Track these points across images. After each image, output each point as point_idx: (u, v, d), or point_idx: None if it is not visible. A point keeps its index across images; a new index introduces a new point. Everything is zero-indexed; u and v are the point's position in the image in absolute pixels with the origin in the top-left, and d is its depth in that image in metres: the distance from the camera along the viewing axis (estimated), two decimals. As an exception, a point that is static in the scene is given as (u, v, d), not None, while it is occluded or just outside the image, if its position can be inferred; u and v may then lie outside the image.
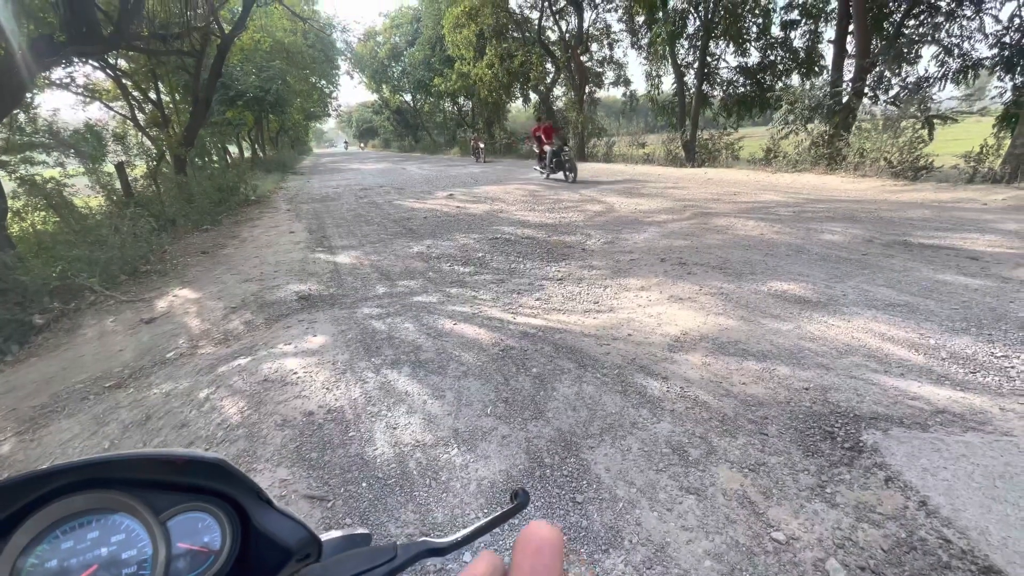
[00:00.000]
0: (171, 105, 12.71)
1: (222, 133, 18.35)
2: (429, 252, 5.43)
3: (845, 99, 11.13)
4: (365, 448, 2.19)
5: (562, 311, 3.62)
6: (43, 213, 7.70)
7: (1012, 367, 2.38)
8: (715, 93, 15.92)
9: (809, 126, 11.64)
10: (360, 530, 0.62)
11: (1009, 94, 8.85)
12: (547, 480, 1.95)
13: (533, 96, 22.73)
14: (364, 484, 1.99)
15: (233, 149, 22.30)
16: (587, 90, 19.14)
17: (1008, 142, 8.02)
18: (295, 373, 2.85)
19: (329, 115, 41.99)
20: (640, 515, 1.75)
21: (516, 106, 28.03)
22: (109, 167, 10.27)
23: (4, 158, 8.75)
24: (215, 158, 17.13)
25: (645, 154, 16.34)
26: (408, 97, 35.79)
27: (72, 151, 11.26)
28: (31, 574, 0.43)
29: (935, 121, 9.18)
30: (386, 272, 4.80)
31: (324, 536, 0.56)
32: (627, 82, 20.04)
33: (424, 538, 0.72)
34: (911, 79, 10.96)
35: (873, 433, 1.97)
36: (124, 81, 10.97)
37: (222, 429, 2.47)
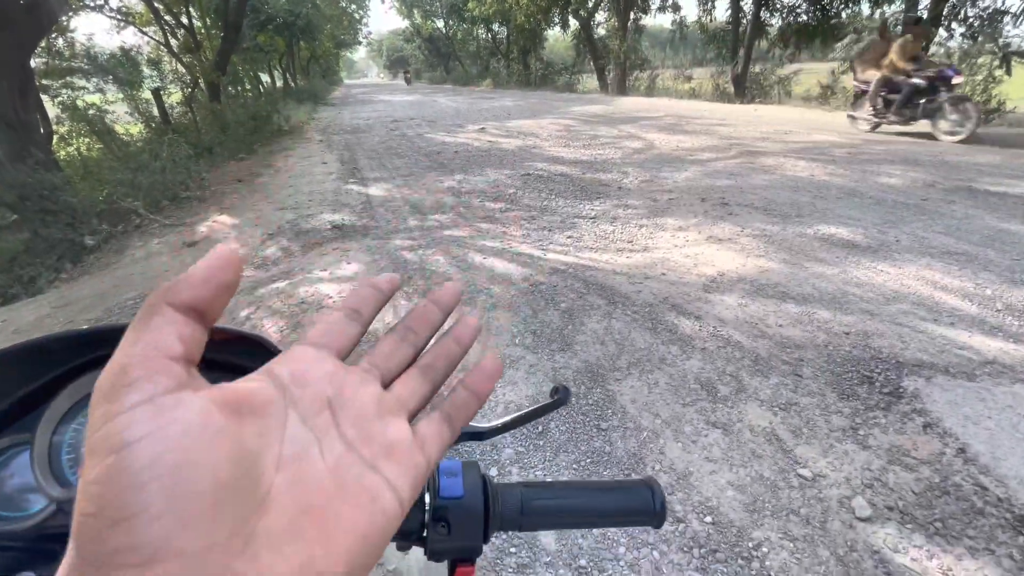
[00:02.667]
0: (203, 31, 12.48)
1: (254, 60, 18.05)
2: (460, 187, 5.35)
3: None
4: (397, 370, 2.27)
5: (594, 249, 3.55)
6: (87, 139, 7.89)
7: (1077, 321, 2.23)
8: (773, 21, 14.48)
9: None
10: None
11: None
12: (572, 407, 1.99)
13: (573, 22, 21.22)
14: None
15: (265, 78, 22.02)
16: (632, 16, 17.73)
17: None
18: (331, 298, 2.93)
19: (359, 43, 40.66)
20: (664, 445, 1.78)
21: (554, 33, 26.35)
22: (147, 94, 10.33)
23: (45, 82, 8.89)
24: (248, 86, 16.99)
25: (691, 88, 15.30)
26: (440, 24, 34.09)
27: (110, 77, 11.33)
28: (70, 444, 0.44)
29: (1015, 58, 8.18)
30: (417, 205, 4.77)
31: None
32: (676, 7, 18.42)
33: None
34: (989, 9, 9.68)
35: (915, 380, 1.90)
36: (156, 4, 10.76)
37: (263, 347, 2.59)
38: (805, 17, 14.24)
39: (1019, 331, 2.19)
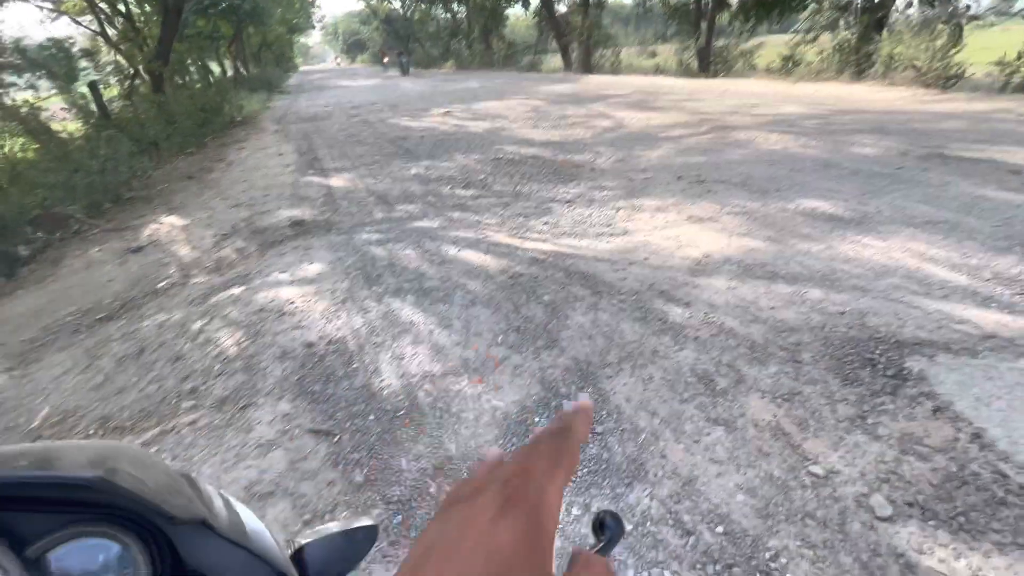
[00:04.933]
0: (142, 18, 11.61)
1: (200, 48, 16.98)
2: (428, 174, 5.09)
3: (879, -4, 10.05)
4: (371, 379, 2.08)
5: (573, 235, 3.39)
6: (20, 140, 7.23)
7: (1068, 287, 2.20)
8: (734, -6, 14.40)
9: (836, 31, 10.63)
10: (364, 521, 0.46)
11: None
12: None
13: (534, 0, 20.73)
14: (371, 417, 1.89)
15: (215, 67, 20.81)
16: (593, -8, 17.40)
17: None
18: (292, 303, 2.69)
19: (313, 27, 38.89)
20: (665, 447, 1.65)
21: (515, 12, 25.75)
22: (84, 88, 9.54)
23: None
24: (195, 76, 16.00)
25: (656, 65, 15.19)
26: (398, 4, 32.91)
27: (44, 72, 10.44)
28: None
29: (975, 23, 8.33)
30: (383, 196, 4.51)
31: (312, 537, 0.41)
32: (638, -18, 18.17)
33: None
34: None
35: (918, 360, 1.83)
36: (87, -11, 9.92)
37: (219, 362, 2.36)
38: (765, -11, 14.22)
39: (1012, 301, 2.14)
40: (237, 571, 0.29)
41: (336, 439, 1.81)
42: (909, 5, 10.43)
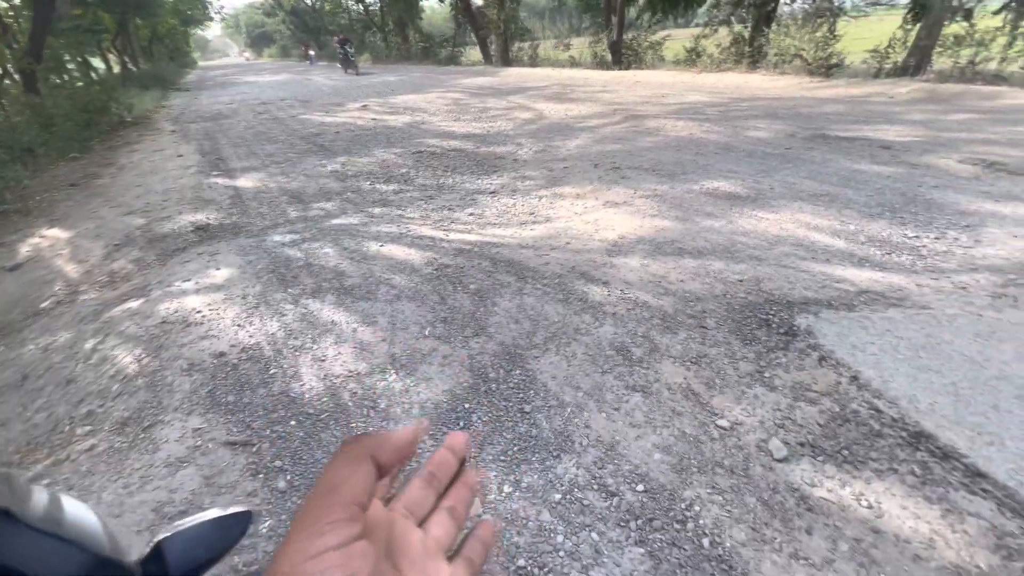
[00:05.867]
0: (11, 12, 10.21)
1: (80, 43, 15.17)
2: (345, 170, 4.92)
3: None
4: (290, 384, 1.99)
5: (497, 225, 3.42)
6: None
7: (923, 246, 2.53)
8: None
9: (731, 26, 11.45)
10: (237, 508, 0.45)
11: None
12: (493, 394, 1.87)
13: (448, -8, 20.48)
14: (293, 423, 1.81)
15: (99, 64, 18.70)
16: (508, -16, 17.48)
17: (914, 35, 8.30)
18: (199, 312, 2.51)
19: (211, 19, 36.05)
20: (588, 417, 1.73)
21: (431, 4, 25.33)
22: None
23: None
24: (76, 74, 14.31)
25: (571, 57, 15.58)
26: (305, -5, 31.27)
27: None
28: None
29: (852, 14, 9.30)
30: (297, 194, 4.30)
31: (173, 530, 0.40)
32: (549, -24, 18.49)
33: None
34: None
35: (805, 317, 2.03)
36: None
37: (117, 382, 2.15)
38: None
39: (883, 260, 2.43)
40: (46, 559, 0.28)
41: (255, 449, 1.72)
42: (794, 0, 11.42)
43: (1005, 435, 1.47)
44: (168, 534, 0.42)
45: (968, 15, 7.76)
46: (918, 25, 8.25)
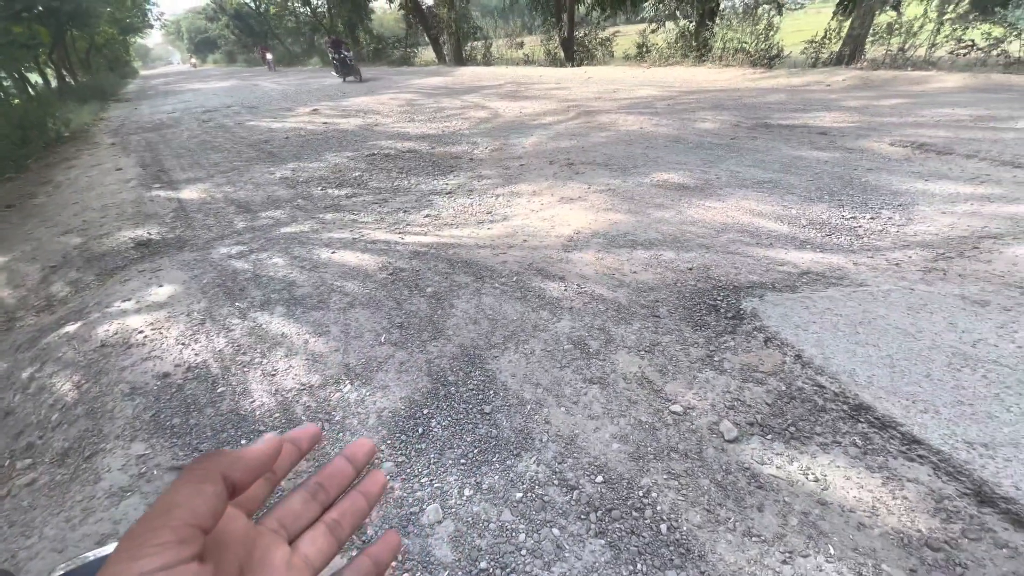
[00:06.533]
0: None
1: (14, 58, 14.13)
2: (295, 177, 4.77)
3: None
4: (240, 402, 1.91)
5: (454, 225, 3.39)
6: None
7: (859, 226, 2.66)
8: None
9: (677, 21, 11.75)
10: None
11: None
12: (453, 398, 1.85)
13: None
14: (243, 441, 1.74)
15: (36, 78, 17.50)
16: (457, -17, 17.37)
17: (847, 26, 8.73)
18: (140, 332, 2.38)
19: (151, 26, 34.35)
20: (548, 413, 1.73)
21: (380, 5, 24.91)
22: None
23: None
24: (10, 90, 13.35)
25: (524, 55, 15.64)
26: (248, -3, 30.20)
27: None
28: None
29: (788, 7, 9.70)
30: (244, 204, 4.14)
31: (70, 567, 0.37)
32: (498, -26, 18.48)
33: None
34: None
35: (751, 300, 2.10)
36: None
37: (56, 411, 2.02)
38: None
39: (823, 241, 2.54)
40: None
41: (203, 471, 1.64)
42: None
43: (938, 402, 1.55)
44: (72, 567, 0.40)
45: (897, 4, 8.22)
46: (851, 16, 8.68)
